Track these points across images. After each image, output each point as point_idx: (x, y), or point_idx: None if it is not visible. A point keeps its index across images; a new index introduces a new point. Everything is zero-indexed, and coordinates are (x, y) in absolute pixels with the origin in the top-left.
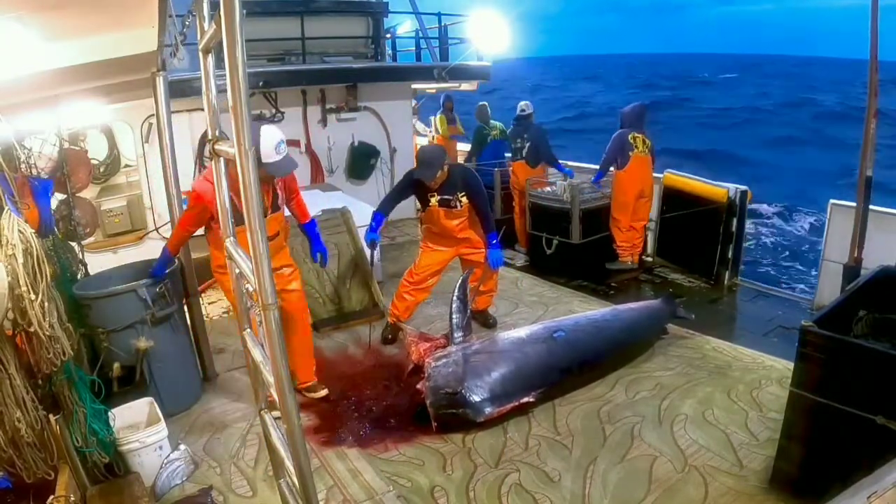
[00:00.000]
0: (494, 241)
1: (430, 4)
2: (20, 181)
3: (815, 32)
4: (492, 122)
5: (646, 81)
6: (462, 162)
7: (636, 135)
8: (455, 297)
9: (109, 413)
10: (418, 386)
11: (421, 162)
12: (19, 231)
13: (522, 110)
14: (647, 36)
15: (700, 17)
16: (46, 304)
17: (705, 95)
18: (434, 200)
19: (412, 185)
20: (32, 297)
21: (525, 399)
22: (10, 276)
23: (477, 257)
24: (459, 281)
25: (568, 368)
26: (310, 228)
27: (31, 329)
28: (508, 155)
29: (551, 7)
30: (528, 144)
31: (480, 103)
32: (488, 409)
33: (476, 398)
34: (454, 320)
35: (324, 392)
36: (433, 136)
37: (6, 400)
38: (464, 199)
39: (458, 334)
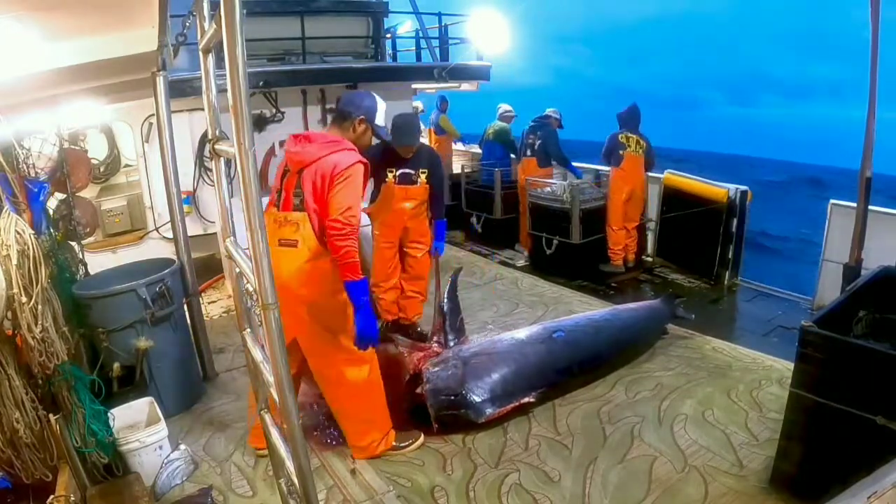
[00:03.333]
0: (440, 230)
1: (431, 4)
2: (17, 182)
3: (830, 141)
4: (496, 123)
5: None
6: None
7: (628, 135)
8: (445, 300)
9: (109, 413)
10: (418, 391)
11: (401, 128)
12: (16, 232)
13: (546, 113)
14: (658, 129)
15: (713, 115)
16: (40, 307)
17: None
18: (392, 176)
19: (381, 157)
20: (24, 300)
21: (525, 399)
22: (5, 277)
23: (415, 252)
24: (449, 284)
25: (568, 369)
26: None
27: (20, 333)
28: (513, 156)
29: (562, 89)
30: (538, 143)
31: (504, 106)
32: (489, 410)
33: (477, 399)
34: (447, 323)
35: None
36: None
37: (5, 401)
38: (422, 177)
39: (450, 337)
